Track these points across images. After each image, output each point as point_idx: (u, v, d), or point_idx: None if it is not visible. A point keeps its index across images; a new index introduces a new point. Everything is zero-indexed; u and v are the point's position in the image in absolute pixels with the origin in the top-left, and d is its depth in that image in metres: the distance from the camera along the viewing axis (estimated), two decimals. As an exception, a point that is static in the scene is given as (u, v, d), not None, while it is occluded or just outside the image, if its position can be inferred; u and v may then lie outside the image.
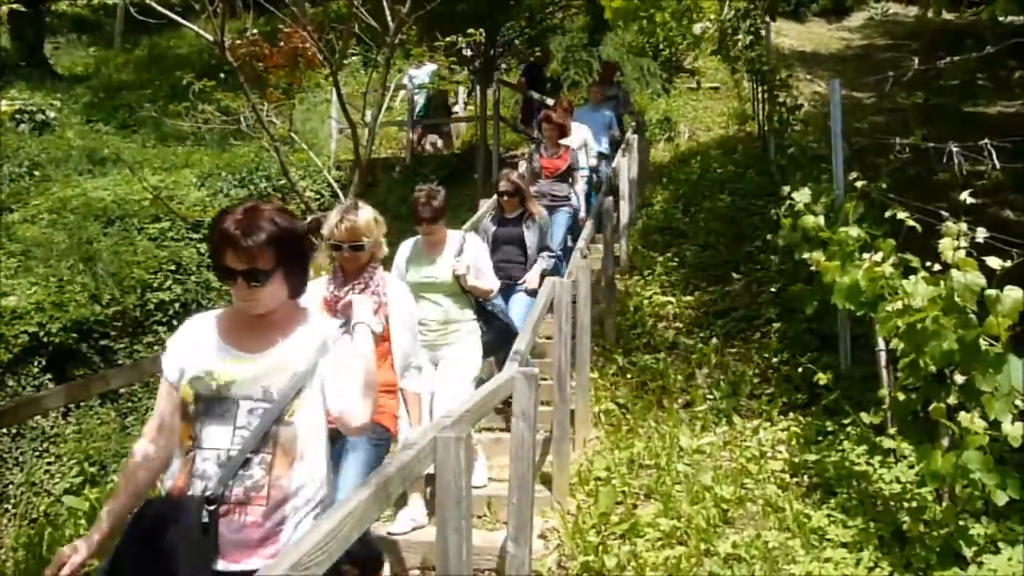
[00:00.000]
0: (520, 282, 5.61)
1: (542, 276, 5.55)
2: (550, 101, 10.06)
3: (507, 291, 5.49)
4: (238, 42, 5.40)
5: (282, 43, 8.30)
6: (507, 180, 5.69)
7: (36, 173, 10.73)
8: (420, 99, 12.89)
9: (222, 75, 9.09)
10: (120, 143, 12.32)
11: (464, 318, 4.47)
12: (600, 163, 8.91)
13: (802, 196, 4.60)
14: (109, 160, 11.22)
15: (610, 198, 7.67)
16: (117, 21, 18.82)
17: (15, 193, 9.93)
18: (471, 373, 4.44)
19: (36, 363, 7.26)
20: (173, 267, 8.64)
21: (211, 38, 5.83)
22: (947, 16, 16.31)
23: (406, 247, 4.56)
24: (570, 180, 7.24)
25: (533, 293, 5.49)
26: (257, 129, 7.36)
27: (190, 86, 7.84)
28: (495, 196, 5.91)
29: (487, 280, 4.58)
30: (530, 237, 5.63)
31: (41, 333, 7.28)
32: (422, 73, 12.39)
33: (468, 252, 4.48)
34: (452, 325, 4.43)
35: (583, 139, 8.15)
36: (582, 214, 7.45)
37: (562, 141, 7.39)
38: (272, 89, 8.46)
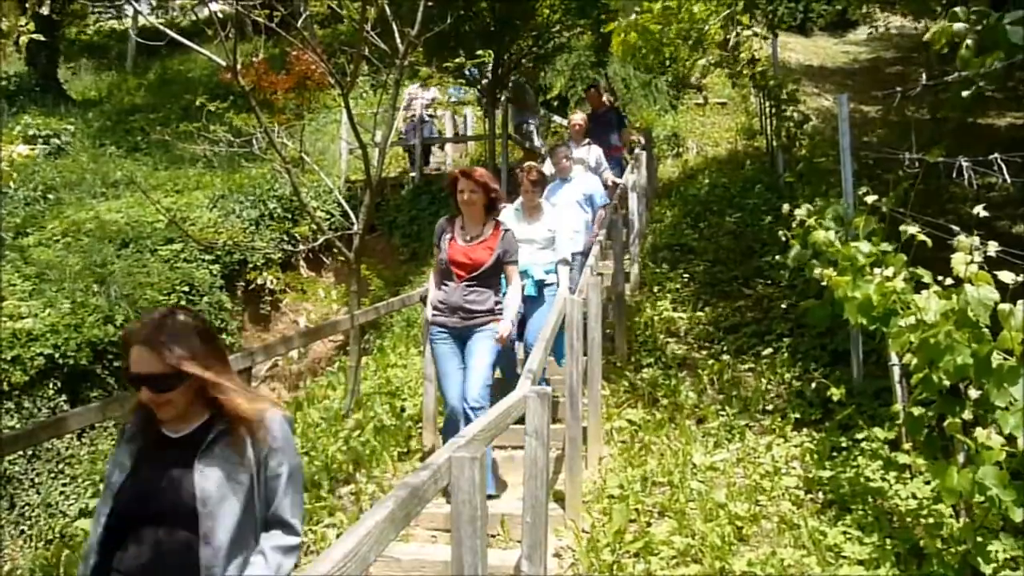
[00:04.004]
0: None
1: None
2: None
3: None
4: (241, 69, 5.45)
5: (292, 66, 8.42)
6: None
7: (50, 196, 10.87)
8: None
9: (232, 97, 9.21)
10: (132, 166, 12.47)
11: None
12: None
13: (802, 212, 4.61)
14: (122, 183, 11.35)
15: (620, 214, 7.67)
16: (130, 46, 19.12)
17: (30, 217, 10.05)
18: None
19: (52, 385, 7.31)
20: (186, 288, 8.70)
21: (223, 62, 5.90)
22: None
23: None
24: (500, 281, 4.69)
25: None
26: (268, 150, 7.44)
27: (202, 108, 7.94)
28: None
29: None
30: None
31: (56, 355, 7.33)
32: (428, 95, 12.50)
33: None
34: None
35: (549, 230, 5.60)
36: (519, 353, 4.99)
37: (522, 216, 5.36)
38: (281, 112, 8.56)
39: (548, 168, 7.14)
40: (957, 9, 3.84)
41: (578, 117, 8.45)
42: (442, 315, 4.57)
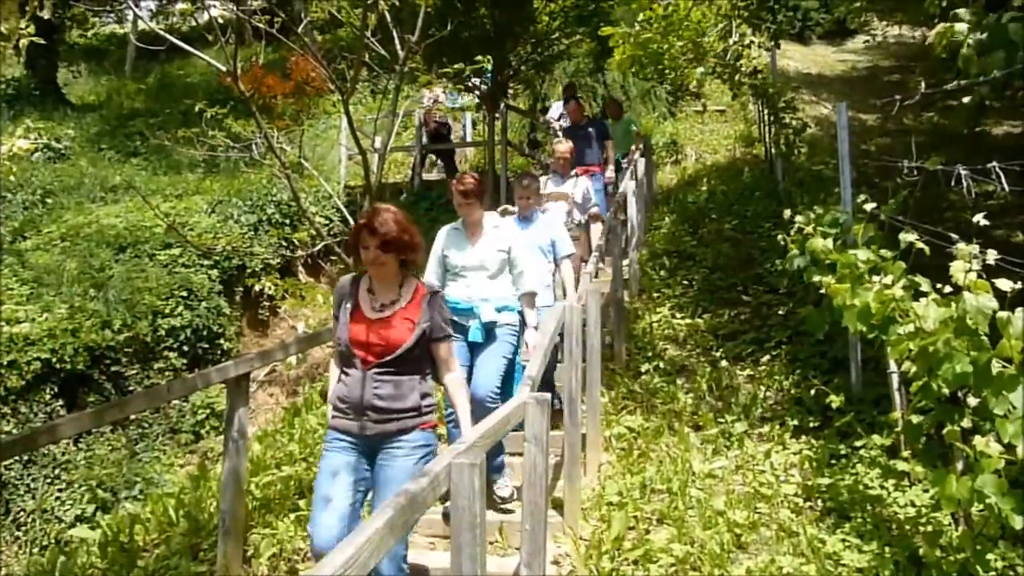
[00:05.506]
0: None
1: None
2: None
3: None
4: (240, 74, 5.45)
5: (291, 71, 8.43)
6: None
7: (49, 201, 10.85)
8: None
9: (231, 102, 9.21)
10: (131, 170, 12.46)
11: None
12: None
13: (801, 220, 4.62)
14: (120, 187, 11.34)
15: (619, 221, 7.67)
16: (129, 50, 19.15)
17: (28, 221, 10.04)
18: None
19: (48, 389, 7.28)
20: (184, 293, 8.68)
21: (223, 67, 5.90)
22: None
23: None
24: (425, 372, 3.23)
25: None
26: (267, 156, 7.44)
27: (201, 113, 7.95)
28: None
29: None
30: None
31: (53, 359, 7.31)
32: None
33: None
34: None
35: (500, 251, 4.46)
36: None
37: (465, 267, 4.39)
38: (280, 117, 8.55)
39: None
40: (959, 11, 3.86)
41: (563, 147, 7.15)
42: (343, 417, 3.16)
